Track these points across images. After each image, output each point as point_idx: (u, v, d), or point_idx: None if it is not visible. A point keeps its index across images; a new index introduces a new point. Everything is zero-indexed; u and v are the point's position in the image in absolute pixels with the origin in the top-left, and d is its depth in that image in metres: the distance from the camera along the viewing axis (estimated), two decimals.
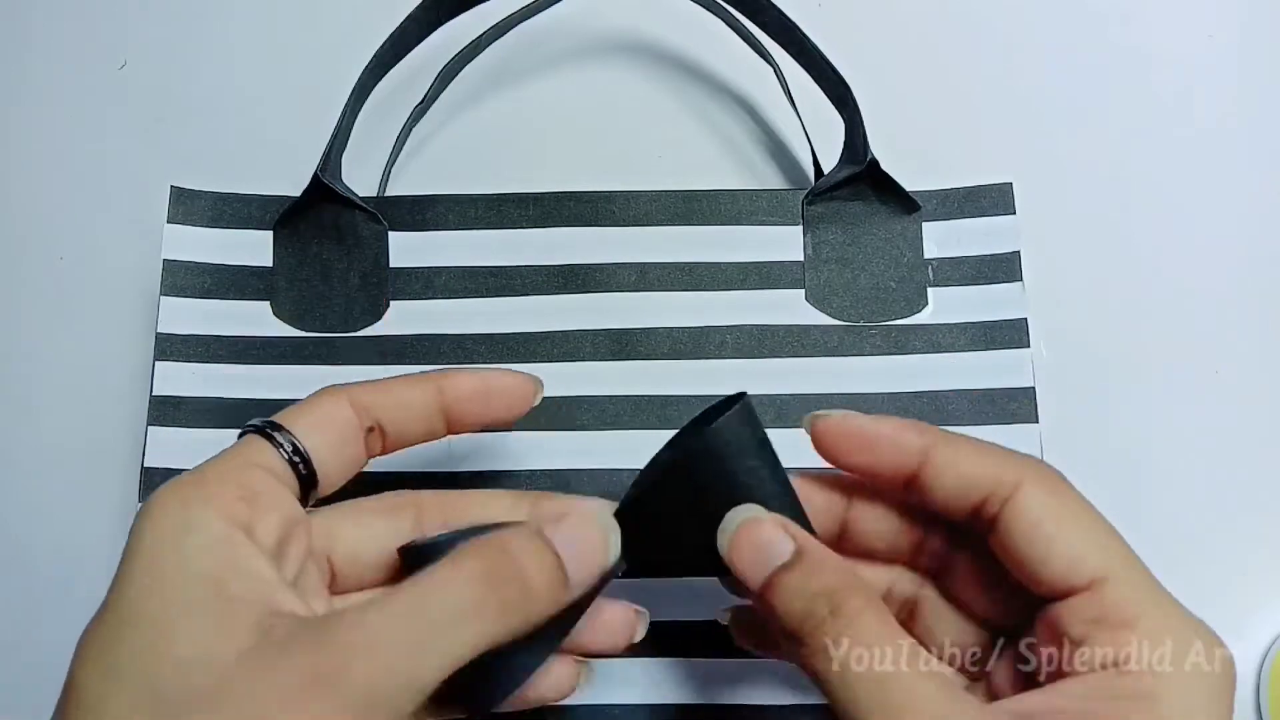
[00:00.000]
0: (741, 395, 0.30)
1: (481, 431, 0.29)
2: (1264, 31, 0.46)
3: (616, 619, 0.29)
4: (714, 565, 0.32)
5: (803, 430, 0.35)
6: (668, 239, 0.37)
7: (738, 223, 0.37)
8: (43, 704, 0.23)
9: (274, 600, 0.22)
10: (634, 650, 0.33)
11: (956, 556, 0.27)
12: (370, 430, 0.27)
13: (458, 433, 0.29)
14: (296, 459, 0.25)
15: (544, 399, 0.35)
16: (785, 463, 0.34)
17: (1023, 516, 0.24)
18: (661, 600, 0.34)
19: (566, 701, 0.33)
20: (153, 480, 0.35)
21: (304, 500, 0.26)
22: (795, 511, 0.32)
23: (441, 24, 0.39)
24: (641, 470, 0.31)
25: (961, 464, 0.25)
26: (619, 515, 0.33)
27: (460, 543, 0.24)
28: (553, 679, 0.28)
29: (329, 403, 0.27)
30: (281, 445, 0.25)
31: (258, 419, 0.26)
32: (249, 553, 0.23)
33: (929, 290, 0.37)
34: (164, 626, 0.21)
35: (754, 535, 0.25)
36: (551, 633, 0.25)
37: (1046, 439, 0.35)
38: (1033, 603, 0.25)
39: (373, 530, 0.28)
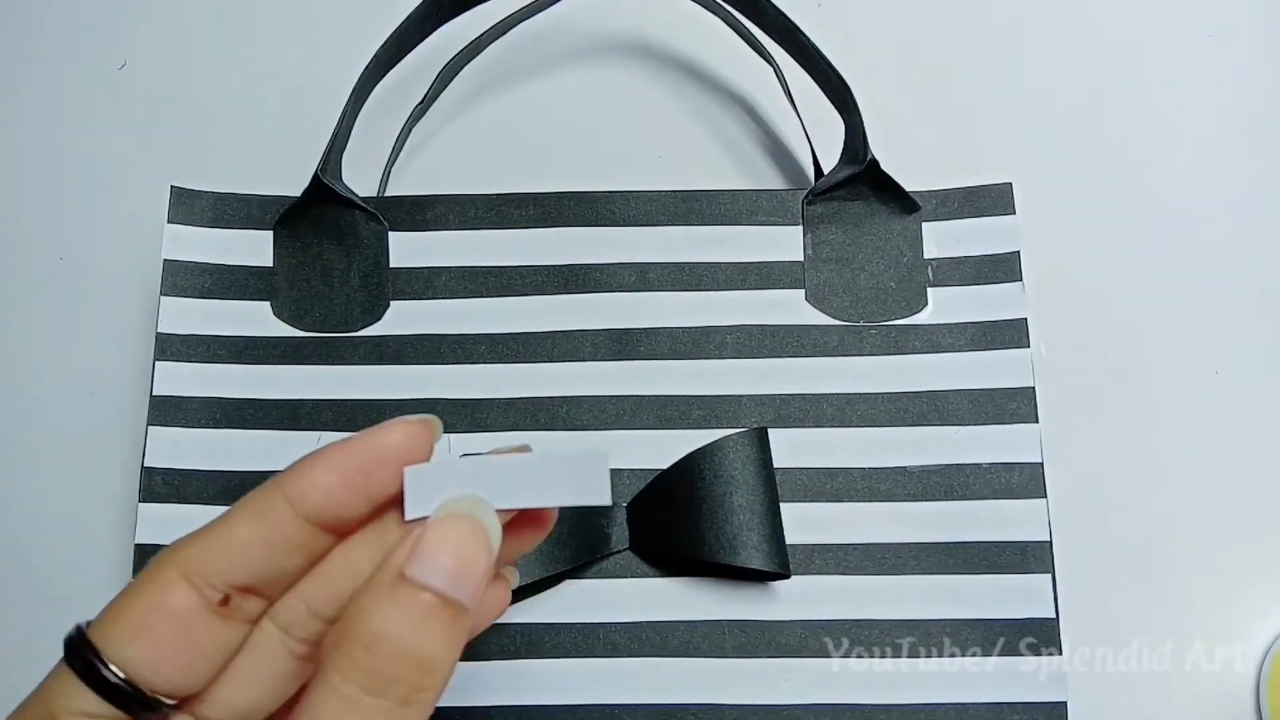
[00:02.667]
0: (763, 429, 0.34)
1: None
2: (1264, 31, 0.46)
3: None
4: (711, 559, 0.32)
5: (802, 430, 0.35)
6: (668, 239, 0.37)
7: (738, 223, 0.37)
8: None
9: None
10: (637, 650, 0.33)
11: None
12: (225, 601, 0.21)
13: (349, 533, 0.22)
14: (109, 689, 0.19)
15: (544, 399, 0.36)
16: (784, 462, 0.35)
17: None
18: (663, 600, 0.34)
19: (569, 701, 0.33)
20: (153, 480, 0.35)
21: (145, 713, 0.20)
22: (775, 533, 0.33)
23: (441, 24, 0.39)
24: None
25: None
26: (631, 508, 0.34)
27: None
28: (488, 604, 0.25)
29: (153, 589, 0.20)
30: (83, 679, 0.20)
31: (76, 626, 0.20)
32: None
33: (929, 290, 0.37)
34: None
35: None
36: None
37: (1046, 439, 0.35)
38: None
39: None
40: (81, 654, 0.20)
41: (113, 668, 0.19)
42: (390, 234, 0.37)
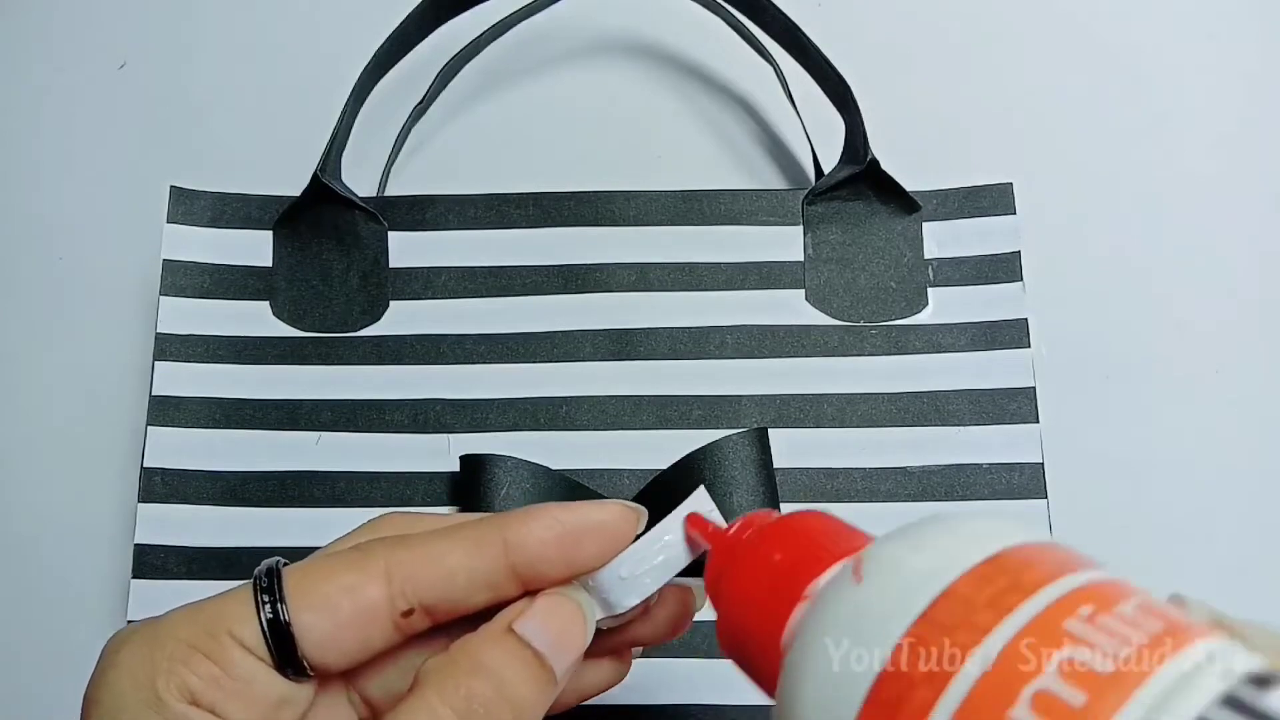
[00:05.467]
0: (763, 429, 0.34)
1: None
2: (1264, 31, 0.46)
3: (672, 605, 0.25)
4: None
5: (802, 430, 0.35)
6: (668, 239, 0.37)
7: (738, 223, 0.37)
8: (43, 704, 0.23)
9: None
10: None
11: None
12: (409, 613, 0.22)
13: (535, 589, 0.23)
14: (279, 636, 0.21)
15: (544, 399, 0.36)
16: (784, 462, 0.35)
17: None
18: None
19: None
20: (152, 480, 0.35)
21: (288, 674, 0.22)
22: None
23: (441, 24, 0.39)
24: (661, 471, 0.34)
25: None
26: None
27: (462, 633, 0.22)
28: (598, 676, 0.25)
29: (356, 574, 0.22)
30: (264, 618, 0.21)
31: (270, 564, 0.22)
32: None
33: (929, 290, 0.37)
34: None
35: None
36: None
37: (1046, 439, 0.35)
38: None
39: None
40: (273, 592, 0.21)
41: (290, 622, 0.21)
42: (390, 234, 0.37)
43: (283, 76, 0.46)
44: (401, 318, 0.37)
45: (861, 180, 0.37)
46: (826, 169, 0.39)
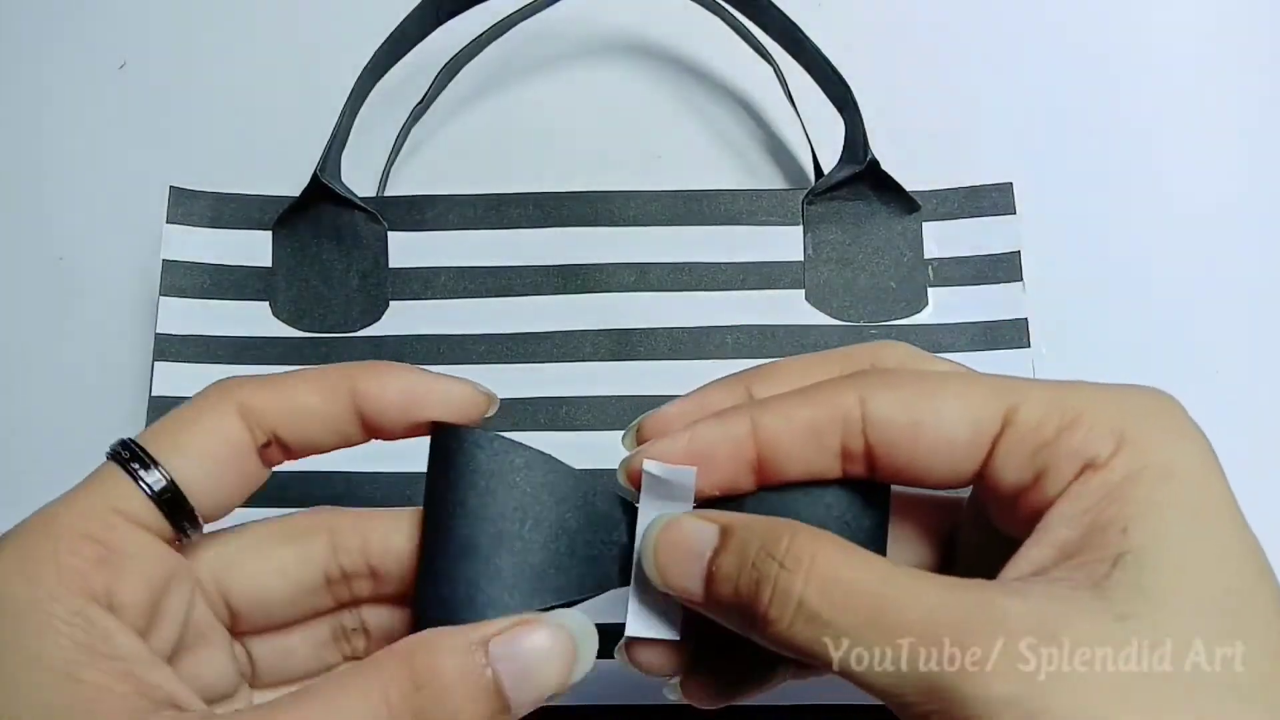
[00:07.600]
0: None
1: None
2: (1264, 31, 0.46)
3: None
4: None
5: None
6: (667, 239, 0.37)
7: (738, 223, 0.37)
8: None
9: (145, 683, 0.19)
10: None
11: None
12: (267, 445, 0.23)
13: (380, 439, 0.24)
14: (165, 495, 0.21)
15: (544, 399, 0.35)
16: None
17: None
18: None
19: (569, 702, 0.33)
20: None
21: (182, 533, 0.22)
22: None
23: (441, 24, 0.39)
24: None
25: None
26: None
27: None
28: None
29: (213, 416, 0.22)
30: (144, 482, 0.21)
31: (122, 439, 0.22)
32: (108, 629, 0.19)
33: (929, 290, 0.37)
34: None
35: (673, 536, 0.22)
36: None
37: None
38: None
39: (277, 563, 0.24)
40: (142, 462, 0.21)
41: (172, 478, 0.22)
42: (389, 234, 0.37)
43: (283, 76, 0.46)
44: (401, 318, 0.37)
45: (861, 180, 0.37)
46: (826, 169, 0.39)
